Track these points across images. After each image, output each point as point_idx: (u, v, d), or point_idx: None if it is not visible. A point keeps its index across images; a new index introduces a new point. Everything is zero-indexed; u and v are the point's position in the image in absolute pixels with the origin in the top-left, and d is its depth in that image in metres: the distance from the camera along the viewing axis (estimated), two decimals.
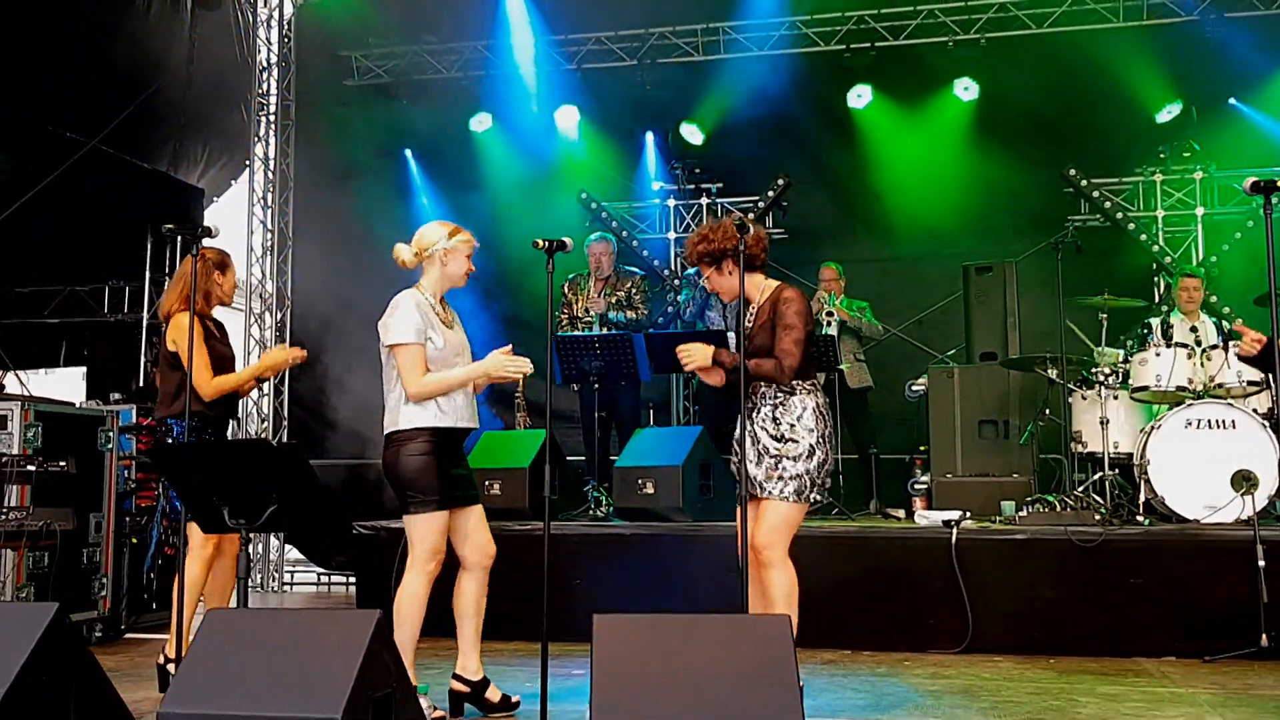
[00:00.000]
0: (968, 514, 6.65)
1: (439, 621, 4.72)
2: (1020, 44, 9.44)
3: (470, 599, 4.70)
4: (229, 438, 5.61)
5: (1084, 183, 9.42)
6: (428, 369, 4.50)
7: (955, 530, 6.18)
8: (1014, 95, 9.54)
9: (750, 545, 4.47)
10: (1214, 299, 8.73)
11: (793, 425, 4.54)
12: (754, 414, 4.62)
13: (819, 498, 4.65)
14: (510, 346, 4.66)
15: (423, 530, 4.53)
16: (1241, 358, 6.36)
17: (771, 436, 4.56)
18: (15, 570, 6.02)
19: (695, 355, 4.62)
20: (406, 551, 4.60)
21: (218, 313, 5.57)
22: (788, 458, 4.51)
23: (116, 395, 8.74)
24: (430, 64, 10.46)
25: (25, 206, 8.33)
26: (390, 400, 4.61)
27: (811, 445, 4.53)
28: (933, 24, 9.55)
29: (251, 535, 4.01)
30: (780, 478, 4.52)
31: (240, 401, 5.60)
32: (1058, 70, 9.32)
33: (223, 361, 5.41)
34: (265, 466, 3.93)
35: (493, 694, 4.78)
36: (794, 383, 4.57)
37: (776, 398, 4.59)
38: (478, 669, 4.77)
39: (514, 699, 4.81)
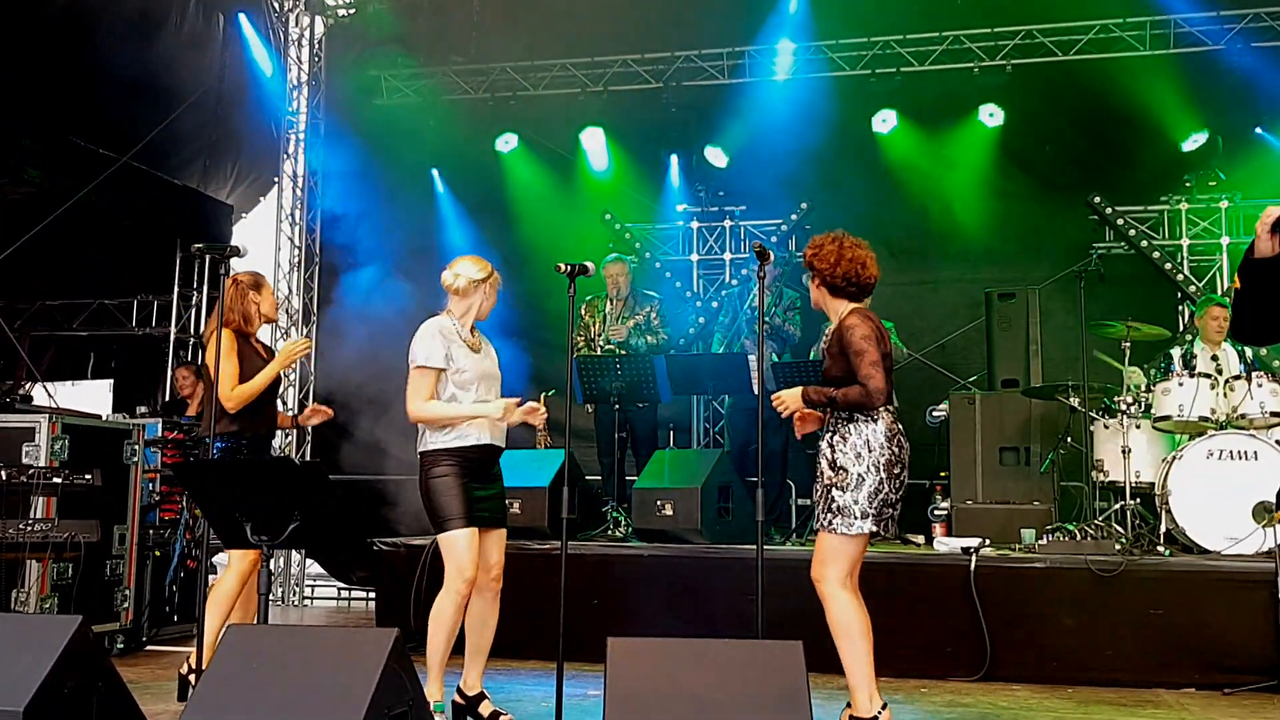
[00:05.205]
0: (987, 541, 6.66)
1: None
2: (1046, 71, 9.44)
3: (473, 616, 4.78)
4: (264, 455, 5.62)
5: (1109, 210, 9.37)
6: (435, 396, 4.61)
7: (974, 557, 6.17)
8: (1040, 122, 9.56)
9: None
10: None
11: (844, 454, 4.36)
12: (819, 441, 4.50)
13: (874, 529, 4.37)
14: (534, 405, 4.73)
15: (450, 549, 4.61)
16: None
17: (828, 464, 4.41)
18: (40, 581, 6.07)
19: (788, 401, 4.47)
20: (425, 568, 4.66)
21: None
22: (836, 487, 4.35)
23: (143, 409, 8.86)
24: (458, 84, 10.55)
25: (57, 221, 8.44)
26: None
27: (860, 474, 4.32)
28: (958, 50, 9.57)
29: (273, 551, 4.05)
30: (829, 509, 4.38)
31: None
32: (1084, 98, 9.31)
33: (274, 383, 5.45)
34: (288, 484, 3.98)
35: (485, 709, 4.82)
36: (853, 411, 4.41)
37: (836, 426, 4.43)
38: (473, 684, 4.85)
39: (504, 717, 4.81)
